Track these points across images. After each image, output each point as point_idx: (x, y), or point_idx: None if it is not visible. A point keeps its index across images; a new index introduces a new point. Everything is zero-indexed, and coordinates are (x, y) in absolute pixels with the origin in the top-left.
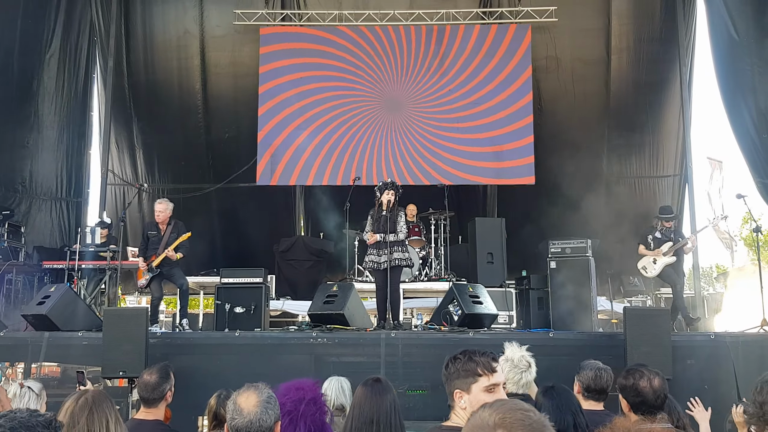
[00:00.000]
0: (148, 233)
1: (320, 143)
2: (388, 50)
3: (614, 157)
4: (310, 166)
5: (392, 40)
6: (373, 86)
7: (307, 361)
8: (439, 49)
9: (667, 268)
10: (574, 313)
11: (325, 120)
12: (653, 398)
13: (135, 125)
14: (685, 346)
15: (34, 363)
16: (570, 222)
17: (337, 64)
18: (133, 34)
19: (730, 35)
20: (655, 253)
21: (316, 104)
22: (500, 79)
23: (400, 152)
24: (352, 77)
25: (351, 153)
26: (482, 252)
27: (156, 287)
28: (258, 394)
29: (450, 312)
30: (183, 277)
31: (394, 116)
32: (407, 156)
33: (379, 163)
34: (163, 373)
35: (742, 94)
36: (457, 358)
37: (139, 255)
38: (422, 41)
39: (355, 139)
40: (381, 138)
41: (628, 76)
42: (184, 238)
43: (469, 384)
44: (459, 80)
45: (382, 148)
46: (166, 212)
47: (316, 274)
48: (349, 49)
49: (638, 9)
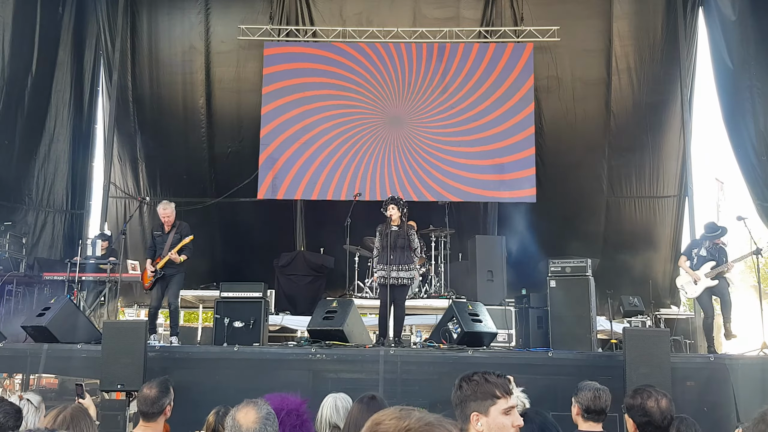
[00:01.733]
0: (154, 233)
1: (321, 158)
2: (390, 67)
3: (615, 177)
4: (312, 181)
5: (394, 57)
6: (376, 102)
7: (305, 377)
8: (440, 66)
9: (705, 293)
10: (574, 332)
11: (329, 138)
12: (660, 419)
13: (138, 138)
14: (685, 368)
15: (32, 374)
16: (570, 241)
17: (340, 82)
18: (138, 48)
19: (731, 56)
20: (693, 274)
21: (319, 122)
22: (501, 91)
23: (402, 168)
24: (354, 94)
25: (354, 169)
26: (482, 270)
27: (156, 295)
28: (257, 410)
29: (449, 330)
30: (177, 296)
31: (396, 132)
32: (410, 172)
33: (382, 179)
34: (162, 388)
35: (741, 115)
36: (473, 380)
37: (146, 257)
38: (424, 58)
39: (358, 155)
40: (383, 154)
41: (628, 97)
42: (186, 242)
43: (488, 407)
44: (459, 95)
45: (384, 164)
46: (172, 215)
47: (316, 289)
48: (351, 67)
49: (640, 30)
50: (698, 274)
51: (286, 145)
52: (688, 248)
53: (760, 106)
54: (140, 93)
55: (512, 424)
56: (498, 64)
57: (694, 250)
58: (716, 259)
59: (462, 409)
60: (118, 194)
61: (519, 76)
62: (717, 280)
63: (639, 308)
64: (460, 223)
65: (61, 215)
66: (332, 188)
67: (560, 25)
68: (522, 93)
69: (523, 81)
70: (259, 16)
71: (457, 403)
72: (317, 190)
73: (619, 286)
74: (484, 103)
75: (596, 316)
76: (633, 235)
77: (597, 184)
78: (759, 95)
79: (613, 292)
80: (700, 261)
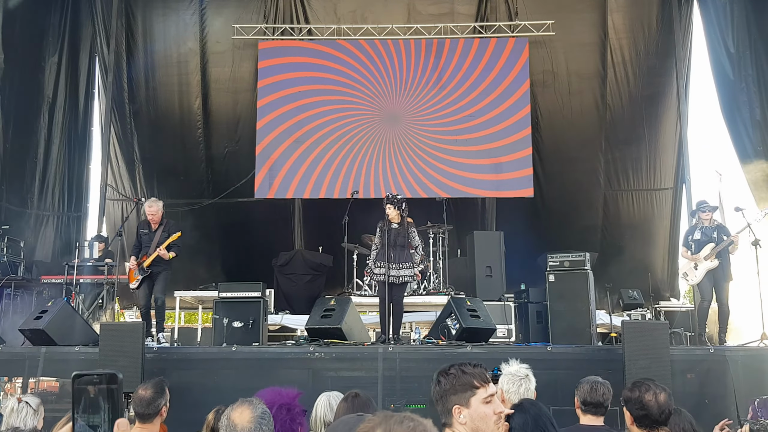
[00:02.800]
0: (140, 231)
1: (318, 156)
2: (387, 64)
3: (611, 170)
4: (308, 179)
5: (391, 53)
6: (372, 100)
7: (304, 376)
8: (438, 63)
9: (706, 276)
10: (573, 326)
11: (324, 133)
12: (657, 413)
13: (135, 140)
14: (684, 360)
15: (31, 378)
16: (568, 235)
17: (336, 77)
18: (133, 49)
19: (726, 46)
20: (693, 258)
21: (314, 118)
22: (498, 92)
23: (398, 165)
24: (350, 90)
25: (348, 166)
26: (481, 265)
27: (143, 293)
28: (252, 409)
29: (448, 326)
30: (163, 291)
31: (393, 129)
32: (405, 169)
33: (377, 177)
34: (158, 388)
35: (737, 105)
36: (450, 373)
37: (130, 255)
38: (421, 55)
39: (353, 152)
40: (379, 151)
41: (624, 90)
42: (174, 238)
43: (468, 398)
44: (457, 93)
45: (381, 161)
46: (158, 213)
47: (315, 288)
48: (347, 63)
49: (635, 23)
50: (698, 256)
51: (282, 138)
52: (684, 238)
53: (755, 95)
54: (136, 94)
55: (494, 412)
56: (493, 61)
57: (689, 236)
58: (714, 239)
59: (443, 404)
60: (115, 196)
61: (517, 76)
62: (718, 260)
63: (638, 301)
64: (459, 219)
65: (59, 218)
66: (326, 186)
67: (555, 18)
68: (519, 94)
69: (520, 82)
70: (253, 16)
71: (437, 399)
72: (310, 187)
73: (618, 280)
74: (482, 102)
75: (595, 310)
76: (631, 228)
77: (594, 178)
78: (755, 84)
79: (612, 285)
80: (698, 245)
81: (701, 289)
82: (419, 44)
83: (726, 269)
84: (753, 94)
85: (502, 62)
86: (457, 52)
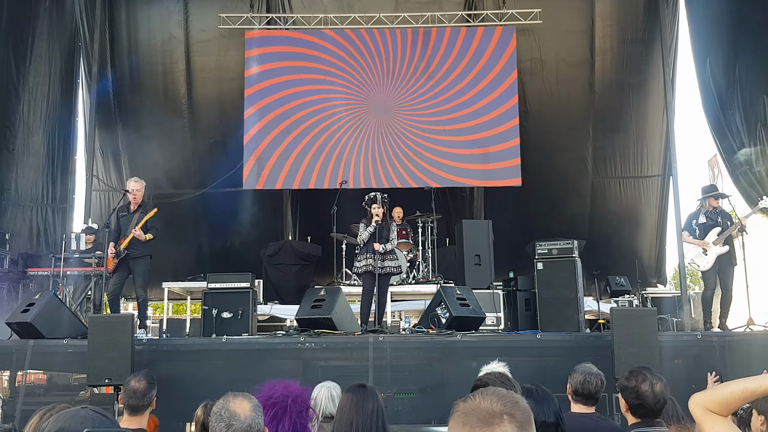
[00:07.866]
0: (119, 215)
1: (306, 146)
2: (374, 53)
3: (599, 158)
4: (297, 170)
5: (378, 43)
6: (360, 89)
7: (295, 366)
8: (425, 52)
9: (717, 261)
10: (562, 314)
11: (311, 123)
12: (652, 402)
13: (120, 130)
14: (672, 346)
15: (19, 371)
16: (556, 223)
17: (323, 67)
18: (117, 39)
19: (711, 34)
20: (701, 243)
21: (302, 107)
22: (486, 81)
23: (387, 155)
24: (338, 80)
25: (337, 156)
26: (470, 254)
27: (116, 279)
28: (249, 400)
29: (437, 315)
30: (145, 288)
31: (381, 119)
32: (394, 159)
33: (366, 166)
34: (150, 380)
35: (719, 97)
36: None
37: (109, 241)
38: (408, 44)
39: (341, 142)
40: (367, 141)
41: (612, 77)
42: (151, 215)
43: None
44: (445, 83)
45: (369, 151)
46: (140, 192)
47: (304, 278)
48: (334, 52)
49: (622, 11)
50: (706, 241)
51: (270, 128)
52: (687, 221)
53: (740, 84)
54: (120, 84)
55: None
56: (481, 50)
57: (693, 220)
58: (719, 224)
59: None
60: (102, 187)
61: (504, 66)
62: (727, 245)
63: (626, 288)
64: (447, 208)
65: (44, 209)
66: (314, 176)
67: (542, 7)
68: (507, 84)
69: (508, 72)
70: (239, 4)
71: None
72: (299, 177)
73: (605, 267)
74: (470, 92)
75: (583, 297)
76: (619, 216)
77: (582, 166)
78: (741, 73)
79: (599, 272)
80: (703, 230)
81: (706, 277)
82: (406, 33)
83: (732, 254)
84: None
85: (490, 51)
86: (444, 41)
